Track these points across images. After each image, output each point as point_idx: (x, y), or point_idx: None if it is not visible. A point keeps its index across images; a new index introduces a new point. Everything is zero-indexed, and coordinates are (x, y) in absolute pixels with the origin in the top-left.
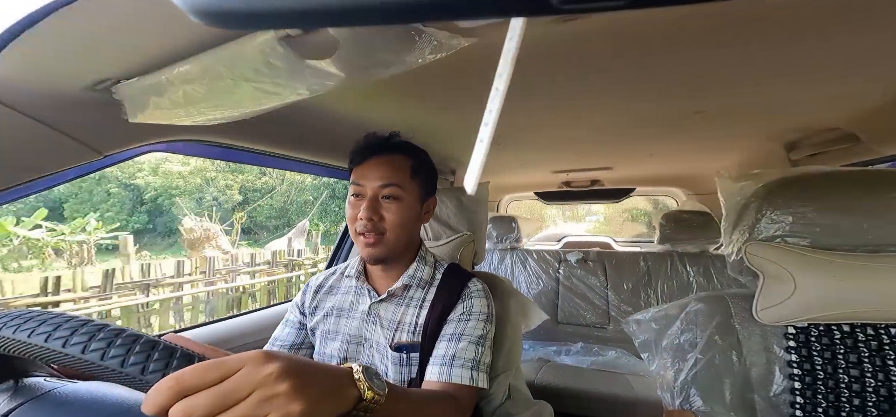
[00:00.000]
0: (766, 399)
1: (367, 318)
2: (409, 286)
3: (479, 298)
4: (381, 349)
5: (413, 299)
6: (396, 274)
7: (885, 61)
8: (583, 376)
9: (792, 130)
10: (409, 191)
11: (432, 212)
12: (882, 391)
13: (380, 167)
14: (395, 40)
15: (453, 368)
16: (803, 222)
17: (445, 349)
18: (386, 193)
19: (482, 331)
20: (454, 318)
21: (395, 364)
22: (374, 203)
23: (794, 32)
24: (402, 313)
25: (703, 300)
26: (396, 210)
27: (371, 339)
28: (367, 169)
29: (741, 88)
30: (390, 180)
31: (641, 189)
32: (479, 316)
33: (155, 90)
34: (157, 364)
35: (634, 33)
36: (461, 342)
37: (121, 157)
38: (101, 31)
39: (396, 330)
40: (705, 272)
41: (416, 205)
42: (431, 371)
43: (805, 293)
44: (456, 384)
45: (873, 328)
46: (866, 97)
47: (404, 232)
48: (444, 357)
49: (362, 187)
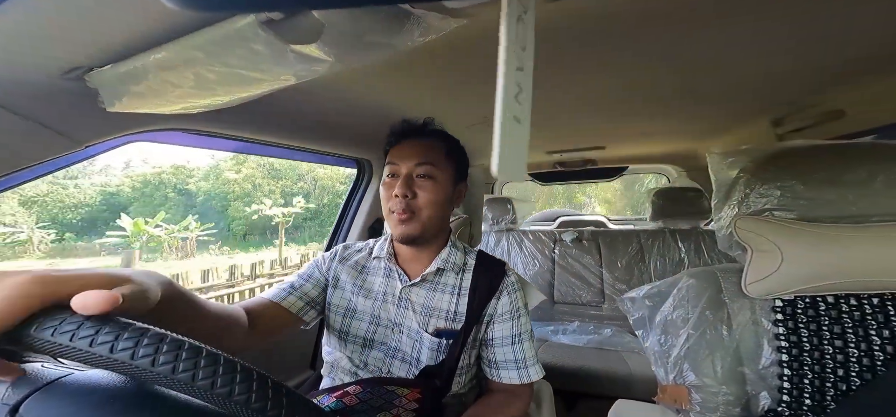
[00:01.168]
0: (755, 372)
1: (398, 302)
2: (443, 270)
3: (520, 291)
4: (413, 333)
5: (448, 285)
6: (428, 258)
7: (866, 36)
8: (580, 354)
9: (778, 105)
10: (442, 171)
11: (462, 199)
12: (865, 360)
13: (415, 147)
14: (382, 23)
15: (529, 368)
16: (790, 195)
17: (513, 352)
18: (420, 172)
19: (530, 324)
20: (504, 315)
21: (431, 349)
22: (409, 180)
23: (779, 8)
24: (437, 298)
25: (694, 275)
26: (431, 188)
27: (402, 324)
28: (402, 149)
29: (728, 65)
30: (426, 159)
31: (634, 168)
32: (525, 311)
33: (132, 78)
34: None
35: (623, 13)
36: (524, 343)
37: (103, 147)
38: (71, 16)
39: (430, 316)
40: (697, 248)
41: (448, 187)
42: (510, 375)
43: (791, 265)
44: (531, 381)
45: (856, 298)
46: (848, 71)
47: (437, 211)
48: (517, 361)
49: (397, 166)
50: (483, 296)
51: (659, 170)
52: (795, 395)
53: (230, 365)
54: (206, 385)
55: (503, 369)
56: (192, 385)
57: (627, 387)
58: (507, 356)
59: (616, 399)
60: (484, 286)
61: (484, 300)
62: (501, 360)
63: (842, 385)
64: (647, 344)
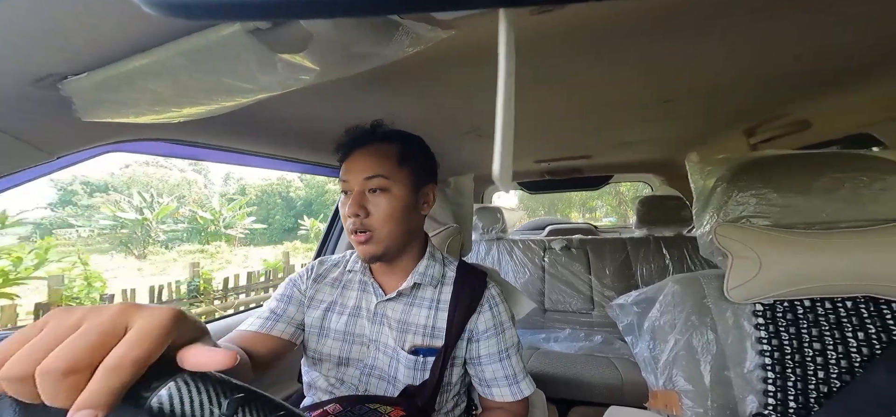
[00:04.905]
0: (740, 376)
1: (372, 317)
2: (420, 284)
3: (503, 303)
4: (389, 350)
5: (425, 299)
6: (404, 270)
7: (829, 49)
8: (571, 362)
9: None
10: (397, 180)
11: (432, 201)
12: (843, 362)
13: (363, 159)
14: (371, 33)
15: (520, 384)
16: (765, 203)
17: (503, 369)
18: (371, 186)
19: (517, 336)
20: (488, 332)
21: (408, 368)
22: (360, 198)
23: (748, 21)
24: (414, 313)
25: (678, 281)
26: (385, 203)
27: (377, 340)
28: (351, 163)
29: (703, 76)
30: (374, 172)
31: (618, 176)
32: (510, 323)
33: (109, 86)
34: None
35: (604, 24)
36: (512, 357)
37: (77, 158)
38: (45, 22)
39: (407, 332)
40: (680, 255)
41: (407, 195)
42: (502, 393)
43: (769, 270)
44: (524, 396)
45: (831, 301)
46: (814, 83)
47: (396, 225)
48: (508, 378)
49: (348, 183)
50: (464, 311)
51: (641, 179)
52: (780, 397)
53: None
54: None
55: (495, 386)
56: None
57: (619, 394)
58: (496, 373)
59: (608, 405)
60: (465, 300)
61: (465, 315)
62: (491, 378)
63: (823, 386)
64: (637, 350)
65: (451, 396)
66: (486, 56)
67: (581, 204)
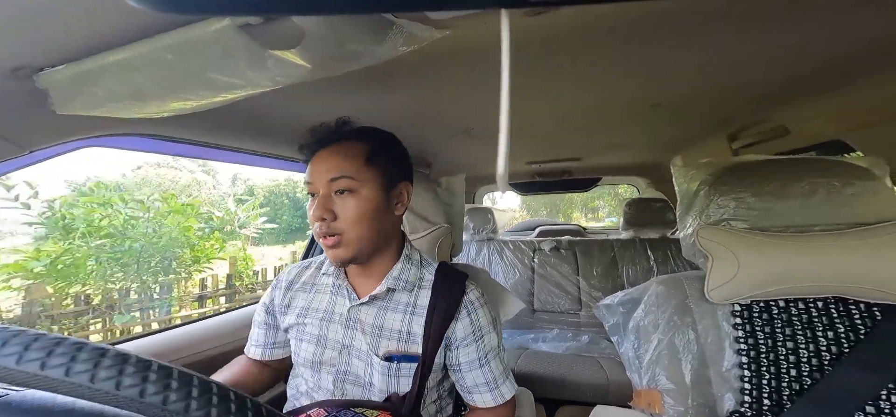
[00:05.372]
0: (719, 374)
1: (346, 322)
2: (394, 289)
3: (482, 307)
4: (364, 356)
5: (400, 303)
6: (378, 273)
7: (806, 55)
8: (559, 361)
9: (732, 121)
10: (364, 180)
11: (407, 200)
12: (814, 360)
13: (328, 160)
14: (364, 31)
15: (501, 388)
16: (744, 206)
17: (483, 375)
18: (337, 187)
19: (498, 339)
20: (467, 339)
21: (382, 374)
22: (326, 201)
23: (731, 28)
24: (388, 318)
25: (662, 282)
26: (352, 204)
27: (351, 345)
28: (316, 164)
29: (687, 81)
30: (339, 173)
31: (607, 179)
32: (490, 327)
33: (87, 79)
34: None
35: (593, 29)
36: (492, 362)
37: (53, 152)
38: (20, 11)
39: (381, 337)
40: (664, 256)
41: (376, 195)
42: (484, 399)
43: (746, 271)
44: (507, 400)
45: (804, 302)
46: (791, 89)
47: (366, 227)
48: (489, 384)
49: (313, 185)
50: (441, 318)
51: (629, 181)
52: (755, 395)
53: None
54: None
55: (476, 392)
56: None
57: (605, 393)
58: (477, 379)
59: (595, 405)
60: (442, 307)
61: (442, 322)
62: (472, 384)
63: (795, 384)
64: (622, 350)
65: (433, 400)
66: (479, 57)
67: (583, 204)
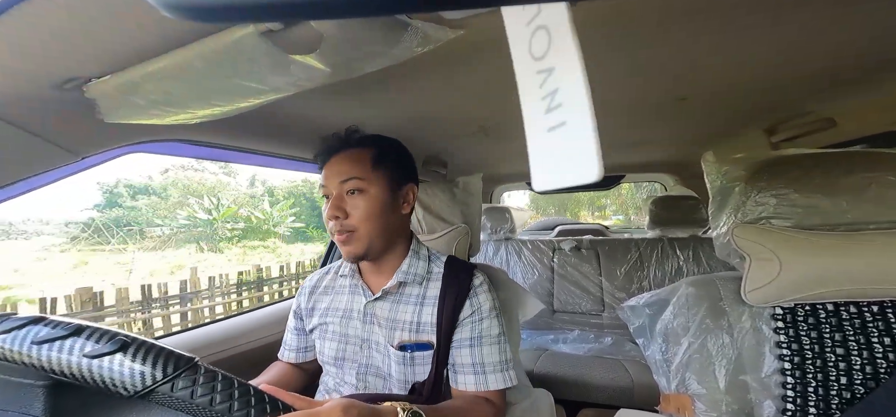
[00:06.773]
0: (758, 380)
1: (363, 317)
2: (405, 283)
3: (485, 293)
4: (382, 348)
5: (411, 296)
6: (389, 270)
7: (855, 46)
8: (580, 363)
9: (770, 114)
10: (372, 181)
11: (413, 200)
12: (868, 368)
13: (339, 164)
14: (381, 33)
15: (488, 376)
16: (786, 203)
17: (471, 356)
18: (348, 188)
19: (498, 328)
20: (466, 319)
21: (399, 364)
22: (339, 201)
23: (769, 19)
24: (400, 310)
25: (693, 283)
26: (362, 203)
27: (369, 339)
28: (329, 168)
29: (721, 74)
30: (350, 175)
31: (631, 176)
32: (491, 314)
33: (129, 89)
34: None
35: (620, 22)
36: (484, 347)
37: (101, 158)
38: (69, 27)
39: (394, 329)
40: (695, 256)
41: (384, 195)
42: (465, 381)
43: (790, 273)
44: (491, 390)
45: (856, 305)
46: (839, 81)
47: (376, 224)
48: (474, 366)
49: (327, 188)
50: (452, 305)
51: (655, 178)
52: (800, 404)
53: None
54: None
55: (460, 373)
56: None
57: (629, 396)
58: (463, 359)
59: (618, 408)
60: (453, 293)
61: (453, 309)
62: (458, 363)
63: (846, 393)
64: (649, 353)
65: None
66: (494, 55)
67: (589, 203)
